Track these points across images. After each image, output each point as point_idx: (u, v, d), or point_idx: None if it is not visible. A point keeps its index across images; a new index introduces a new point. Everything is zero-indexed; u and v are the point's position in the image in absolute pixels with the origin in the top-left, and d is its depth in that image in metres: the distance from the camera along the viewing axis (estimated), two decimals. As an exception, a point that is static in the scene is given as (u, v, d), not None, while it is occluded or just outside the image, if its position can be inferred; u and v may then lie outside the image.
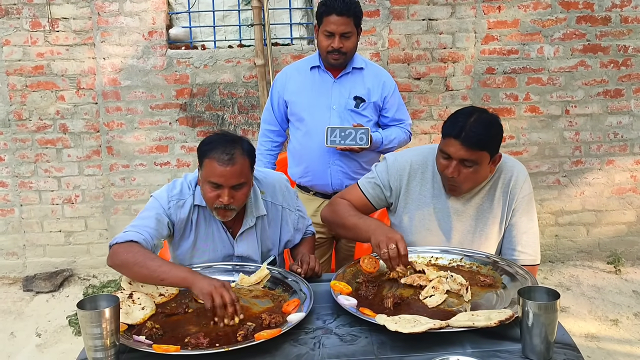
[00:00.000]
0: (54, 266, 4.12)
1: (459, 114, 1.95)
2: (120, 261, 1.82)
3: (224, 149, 1.89)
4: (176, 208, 2.01)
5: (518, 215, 2.03)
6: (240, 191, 1.93)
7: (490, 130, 1.91)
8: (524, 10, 3.92)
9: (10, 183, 4.06)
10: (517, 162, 2.11)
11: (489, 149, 1.91)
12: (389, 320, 1.55)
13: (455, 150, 1.88)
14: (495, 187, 2.04)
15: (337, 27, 2.63)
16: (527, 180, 2.06)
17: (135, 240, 1.86)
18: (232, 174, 1.88)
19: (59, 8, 3.86)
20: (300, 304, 1.72)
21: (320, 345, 1.55)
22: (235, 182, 1.90)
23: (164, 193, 2.04)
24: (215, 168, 1.88)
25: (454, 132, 1.88)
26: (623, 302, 3.62)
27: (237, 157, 1.90)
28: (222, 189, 1.90)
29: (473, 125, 1.87)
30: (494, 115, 1.97)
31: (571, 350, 1.49)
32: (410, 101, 3.97)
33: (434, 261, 2.00)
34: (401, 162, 2.12)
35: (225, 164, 1.88)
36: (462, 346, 1.50)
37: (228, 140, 1.94)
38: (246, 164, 1.93)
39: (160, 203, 2.01)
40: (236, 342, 1.53)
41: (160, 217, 1.98)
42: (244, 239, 2.09)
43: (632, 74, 4.02)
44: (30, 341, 3.35)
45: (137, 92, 3.97)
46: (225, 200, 1.90)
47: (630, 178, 4.16)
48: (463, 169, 1.90)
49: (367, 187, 2.14)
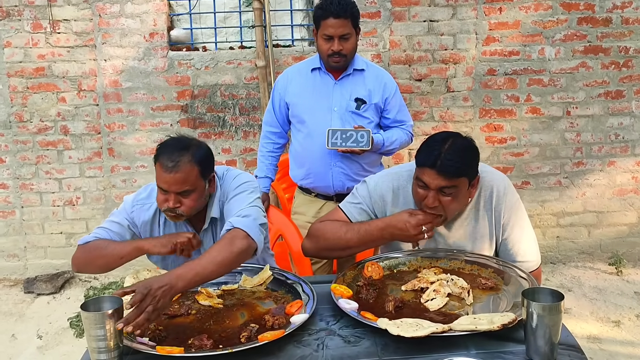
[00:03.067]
0: (55, 268, 4.12)
1: (432, 141, 1.89)
2: (81, 262, 1.98)
3: (169, 156, 1.91)
4: (140, 211, 2.06)
5: (509, 229, 1.98)
6: (188, 197, 1.93)
7: (466, 156, 1.85)
8: (525, 12, 3.92)
9: (11, 185, 4.06)
10: (494, 172, 2.03)
11: (467, 174, 1.86)
12: (390, 324, 1.54)
13: (431, 179, 1.83)
14: (477, 206, 1.98)
15: (335, 30, 2.63)
16: (509, 189, 1.99)
17: (89, 241, 1.99)
18: (175, 181, 1.90)
19: (60, 10, 3.86)
20: (304, 305, 1.72)
21: (324, 347, 1.55)
22: (178, 189, 1.91)
23: (131, 197, 2.12)
24: (161, 174, 1.92)
25: (429, 161, 1.82)
26: (625, 304, 3.62)
27: (182, 164, 1.90)
28: (168, 194, 1.92)
29: (448, 153, 1.81)
30: (469, 139, 1.91)
31: (575, 352, 1.49)
32: (411, 102, 3.97)
33: (434, 263, 1.99)
34: (382, 187, 2.05)
35: (168, 170, 1.89)
36: (465, 348, 1.50)
37: (177, 147, 1.94)
38: (193, 172, 1.92)
39: (125, 207, 2.09)
40: (240, 343, 1.53)
41: (121, 221, 2.05)
42: (208, 235, 2.09)
43: (633, 75, 4.02)
44: (31, 343, 3.35)
45: (138, 93, 3.97)
46: (170, 205, 1.92)
47: (632, 179, 4.16)
48: (442, 197, 1.85)
49: (352, 212, 2.05)
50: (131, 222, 2.06)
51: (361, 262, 1.99)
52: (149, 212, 2.06)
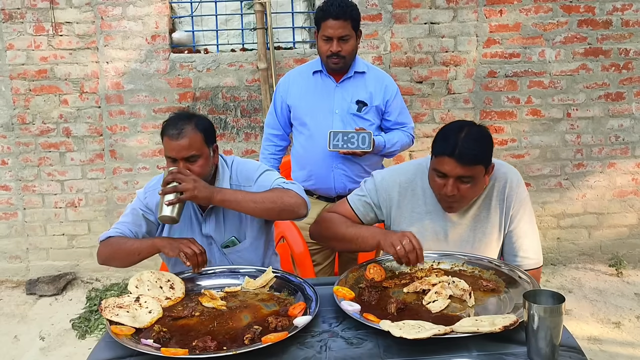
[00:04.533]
0: (57, 269, 4.14)
1: (448, 130, 1.93)
2: (105, 256, 2.07)
3: (174, 125, 2.04)
4: (151, 197, 2.13)
5: (516, 221, 2.03)
6: (195, 164, 2.03)
7: (483, 144, 1.90)
8: (525, 14, 3.94)
9: (13, 186, 4.07)
10: (508, 166, 2.08)
11: (484, 162, 1.90)
12: (393, 325, 1.55)
13: (451, 168, 1.86)
14: (490, 196, 2.02)
15: (334, 31, 2.65)
16: (521, 183, 2.05)
17: (112, 235, 2.08)
18: (181, 146, 2.00)
19: (63, 12, 3.88)
20: (306, 307, 1.73)
21: (327, 349, 1.56)
22: (186, 154, 2.01)
23: (142, 189, 2.21)
24: (168, 143, 2.03)
25: (447, 150, 1.86)
26: (625, 305, 3.63)
27: (187, 131, 2.02)
28: (177, 163, 2.02)
29: (465, 140, 1.85)
30: (483, 127, 1.95)
31: (576, 354, 1.50)
32: (412, 104, 3.99)
33: (435, 265, 2.00)
34: (389, 182, 2.09)
35: (174, 138, 2.01)
36: (467, 349, 1.51)
37: (181, 117, 2.08)
38: (197, 138, 2.03)
39: (138, 197, 2.18)
40: (243, 345, 1.54)
41: (135, 212, 2.14)
42: (212, 217, 2.15)
43: (633, 77, 4.04)
44: (34, 344, 3.36)
45: (140, 95, 3.99)
46: None
47: (632, 181, 4.17)
48: (461, 185, 1.88)
49: (357, 205, 2.11)
50: (145, 210, 2.13)
51: (363, 264, 2.00)
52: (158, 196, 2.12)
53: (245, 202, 1.99)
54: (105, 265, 2.11)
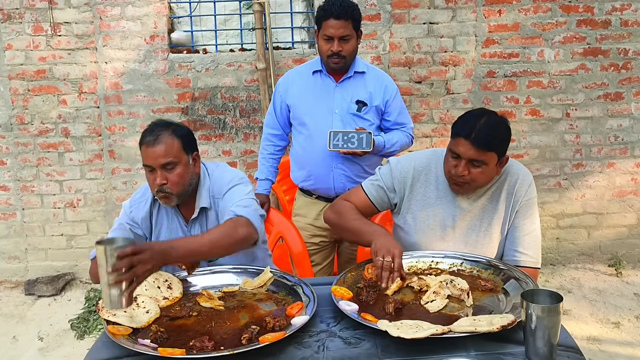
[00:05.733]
0: (55, 270, 4.13)
1: (469, 115, 2.01)
2: (93, 274, 1.98)
3: (150, 133, 2.02)
4: (137, 210, 2.14)
5: (521, 217, 2.06)
6: (173, 172, 2.00)
7: (499, 132, 1.96)
8: (524, 14, 3.94)
9: (12, 187, 4.07)
10: (523, 167, 2.14)
11: (497, 150, 1.95)
12: (391, 325, 1.55)
13: (465, 150, 1.93)
14: (500, 189, 2.08)
15: (335, 31, 2.65)
16: (532, 185, 2.10)
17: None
18: (157, 153, 1.98)
19: (61, 12, 3.88)
20: (304, 307, 1.73)
21: (324, 348, 1.55)
22: (163, 160, 1.98)
23: (127, 202, 2.18)
24: (144, 151, 2.01)
25: (464, 132, 1.94)
26: (624, 305, 3.63)
27: (163, 137, 2.00)
28: (155, 172, 2.00)
29: (483, 126, 1.93)
30: (504, 118, 2.01)
31: (574, 353, 1.50)
32: (411, 104, 3.99)
33: (434, 265, 2.00)
34: (405, 165, 2.16)
35: (150, 144, 1.99)
36: (465, 349, 1.51)
37: (158, 125, 2.06)
38: (174, 144, 2.01)
39: (124, 211, 2.15)
40: (241, 345, 1.53)
41: (122, 226, 2.11)
42: (196, 228, 2.15)
43: (632, 77, 4.04)
44: (32, 345, 3.36)
45: (139, 95, 3.98)
46: (158, 182, 1.99)
47: (631, 181, 4.17)
48: (472, 168, 1.95)
49: (370, 190, 2.18)
50: (132, 223, 2.13)
51: (361, 264, 2.01)
52: (145, 208, 2.15)
53: (200, 249, 1.82)
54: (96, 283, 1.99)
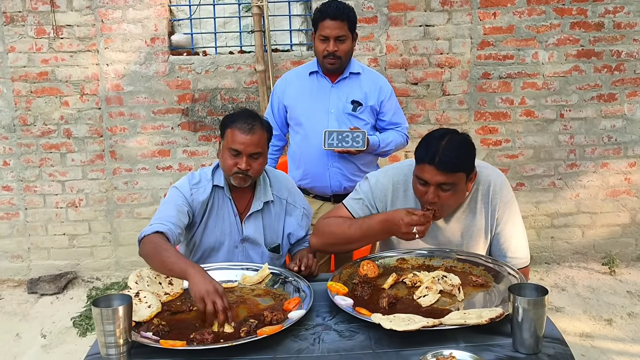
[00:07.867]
0: (58, 269, 4.19)
1: (430, 138, 1.95)
2: (145, 253, 1.96)
3: (245, 120, 2.11)
4: (197, 194, 2.18)
5: (503, 223, 2.05)
6: (257, 161, 2.12)
7: (463, 152, 1.92)
8: (519, 17, 3.99)
9: (15, 187, 4.13)
10: (492, 168, 2.10)
11: (464, 169, 1.91)
12: (384, 318, 1.60)
13: (431, 176, 1.88)
14: (475, 200, 2.05)
15: (331, 31, 2.71)
16: (505, 185, 2.06)
17: (160, 230, 1.98)
18: (251, 142, 2.08)
19: (63, 15, 3.93)
20: (301, 302, 1.79)
21: (320, 341, 1.61)
22: (253, 150, 2.09)
23: (185, 183, 2.20)
24: (237, 136, 2.09)
25: (427, 157, 1.88)
26: (617, 302, 3.68)
27: (257, 128, 2.11)
28: (240, 156, 2.08)
29: (445, 149, 1.87)
30: (465, 135, 1.97)
31: (559, 344, 1.56)
32: (407, 106, 4.04)
33: (427, 262, 2.04)
34: (383, 182, 2.12)
35: (245, 132, 2.08)
36: (455, 341, 1.56)
37: (249, 114, 2.16)
38: (263, 137, 2.14)
39: (182, 192, 2.16)
40: (239, 337, 1.59)
41: (180, 207, 2.11)
42: (251, 222, 2.22)
43: (625, 78, 4.09)
44: (35, 342, 3.41)
45: (139, 97, 4.04)
46: (243, 167, 2.08)
47: (624, 180, 4.22)
48: (441, 192, 1.90)
49: (354, 207, 2.12)
50: (190, 206, 2.15)
51: (357, 261, 2.06)
52: (205, 193, 2.19)
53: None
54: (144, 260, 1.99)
